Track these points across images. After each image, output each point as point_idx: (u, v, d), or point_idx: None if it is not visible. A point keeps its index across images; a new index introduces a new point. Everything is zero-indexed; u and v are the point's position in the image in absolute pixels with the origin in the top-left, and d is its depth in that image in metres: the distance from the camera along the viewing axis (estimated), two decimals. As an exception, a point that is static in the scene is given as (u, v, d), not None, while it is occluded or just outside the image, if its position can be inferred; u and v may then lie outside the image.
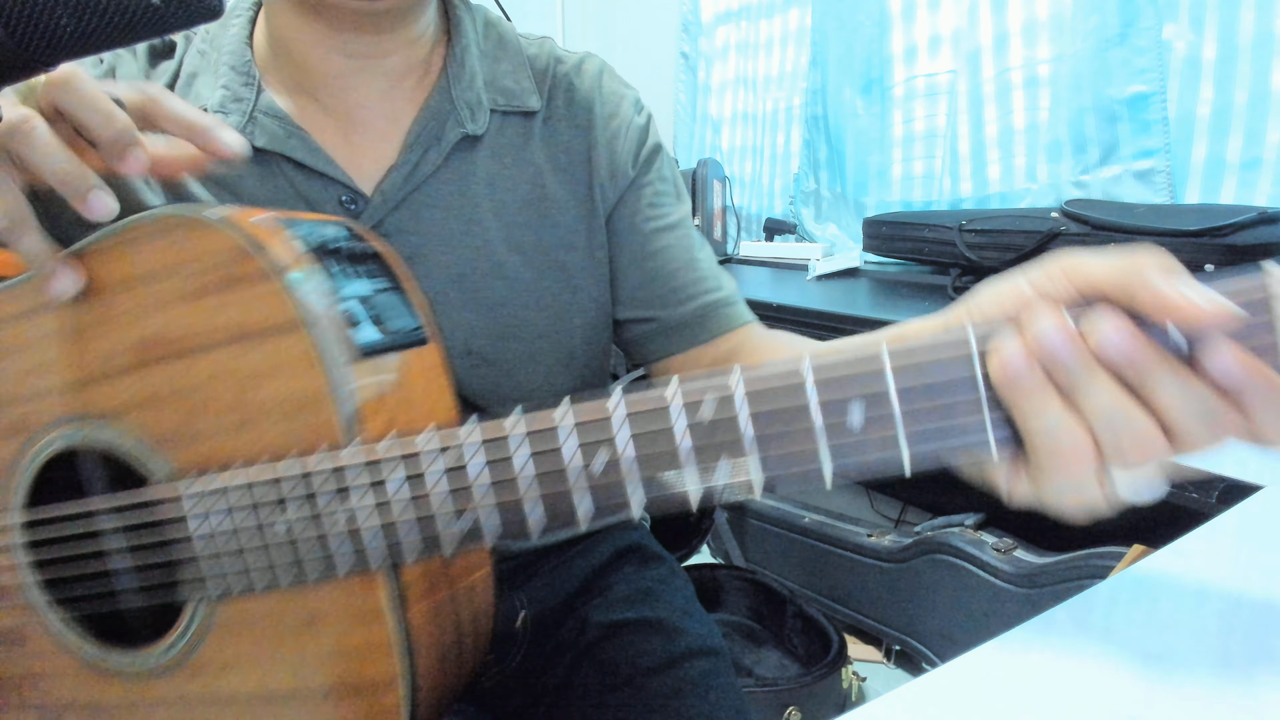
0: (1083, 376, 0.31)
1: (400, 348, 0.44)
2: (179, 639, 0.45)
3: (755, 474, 0.33)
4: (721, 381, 0.33)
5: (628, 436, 0.34)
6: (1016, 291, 0.34)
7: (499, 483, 0.37)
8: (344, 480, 0.39)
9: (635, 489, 0.35)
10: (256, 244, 0.41)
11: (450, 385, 0.47)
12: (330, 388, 0.40)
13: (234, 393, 0.42)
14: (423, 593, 0.42)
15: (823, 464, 0.32)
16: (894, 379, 0.32)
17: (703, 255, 0.70)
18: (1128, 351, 0.30)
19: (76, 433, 0.46)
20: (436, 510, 0.38)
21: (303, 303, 0.40)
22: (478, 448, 0.37)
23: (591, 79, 0.69)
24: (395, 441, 0.38)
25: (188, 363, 0.43)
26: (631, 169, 0.68)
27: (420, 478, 0.38)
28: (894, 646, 1.62)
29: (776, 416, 0.33)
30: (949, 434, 0.32)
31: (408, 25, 0.61)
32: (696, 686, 0.64)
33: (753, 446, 0.33)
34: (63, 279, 0.44)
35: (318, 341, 0.40)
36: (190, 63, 0.63)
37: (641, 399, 0.34)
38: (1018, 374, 0.31)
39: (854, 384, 0.32)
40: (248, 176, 0.60)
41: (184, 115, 0.45)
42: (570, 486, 0.36)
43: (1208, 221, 1.10)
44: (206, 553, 0.42)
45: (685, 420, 0.34)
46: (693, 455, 0.34)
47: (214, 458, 0.42)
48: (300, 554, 0.40)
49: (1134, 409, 0.31)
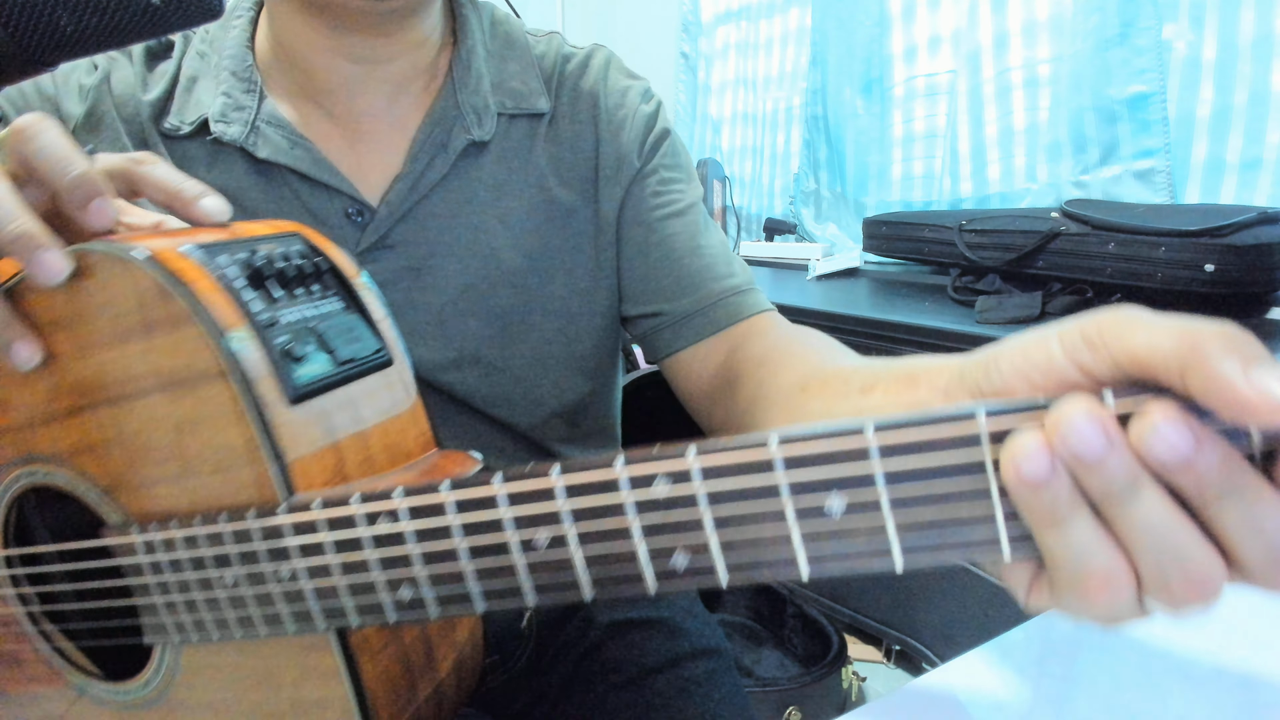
0: (1124, 489, 0.24)
1: (356, 376, 0.41)
2: (153, 676, 0.44)
3: (718, 561, 0.29)
4: (677, 454, 0.29)
5: (570, 512, 0.31)
6: (1046, 356, 0.27)
7: (435, 556, 0.34)
8: (280, 541, 0.37)
9: (583, 570, 0.31)
10: (177, 282, 0.37)
11: (421, 407, 0.44)
12: (260, 441, 0.37)
13: (170, 442, 0.39)
14: (381, 647, 0.40)
15: (796, 555, 0.28)
16: (881, 460, 0.26)
17: (710, 241, 0.66)
18: (1191, 460, 0.23)
19: (35, 473, 0.44)
20: (374, 579, 0.35)
21: (227, 348, 0.36)
22: (409, 517, 0.34)
23: (597, 73, 0.67)
24: (327, 504, 0.36)
25: (123, 409, 0.40)
26: (637, 159, 0.66)
27: (354, 544, 0.35)
28: (894, 646, 1.62)
29: (740, 498, 0.28)
30: (949, 529, 0.27)
31: (413, 27, 0.60)
32: (700, 686, 0.64)
33: (713, 531, 0.29)
34: (21, 351, 0.41)
35: (245, 390, 0.36)
36: (189, 65, 0.62)
37: (585, 472, 0.31)
38: (1036, 480, 0.24)
39: (832, 465, 0.27)
40: (251, 189, 0.59)
41: (166, 183, 0.42)
42: (513, 564, 0.32)
43: (1208, 221, 1.10)
44: (163, 601, 0.41)
45: (634, 497, 0.30)
46: (644, 536, 0.30)
47: (160, 506, 0.40)
48: (248, 610, 0.39)
49: (1190, 535, 0.24)
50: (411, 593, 0.35)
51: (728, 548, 0.29)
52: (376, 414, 0.42)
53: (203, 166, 0.60)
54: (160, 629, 0.42)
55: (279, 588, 0.37)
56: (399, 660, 0.41)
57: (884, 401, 0.39)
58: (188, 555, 0.39)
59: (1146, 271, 1.14)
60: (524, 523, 0.32)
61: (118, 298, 0.39)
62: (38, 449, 0.44)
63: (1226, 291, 1.08)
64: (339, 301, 0.43)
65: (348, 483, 0.40)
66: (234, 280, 0.39)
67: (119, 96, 0.61)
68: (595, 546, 0.31)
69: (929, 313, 1.26)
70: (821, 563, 0.28)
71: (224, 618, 0.40)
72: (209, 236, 0.40)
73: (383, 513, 0.34)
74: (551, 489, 0.31)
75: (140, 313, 0.38)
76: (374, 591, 0.35)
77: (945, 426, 0.26)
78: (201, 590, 0.40)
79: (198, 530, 0.39)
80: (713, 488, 0.29)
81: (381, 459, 0.42)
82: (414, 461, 0.43)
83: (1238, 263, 1.07)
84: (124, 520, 0.42)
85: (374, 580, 0.35)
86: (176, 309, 0.37)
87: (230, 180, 0.59)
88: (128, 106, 0.61)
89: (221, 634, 0.40)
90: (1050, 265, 1.27)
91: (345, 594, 0.36)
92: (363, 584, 0.36)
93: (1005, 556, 0.26)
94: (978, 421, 0.26)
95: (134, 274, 0.38)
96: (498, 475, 0.32)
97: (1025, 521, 0.26)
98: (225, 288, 0.38)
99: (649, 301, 0.66)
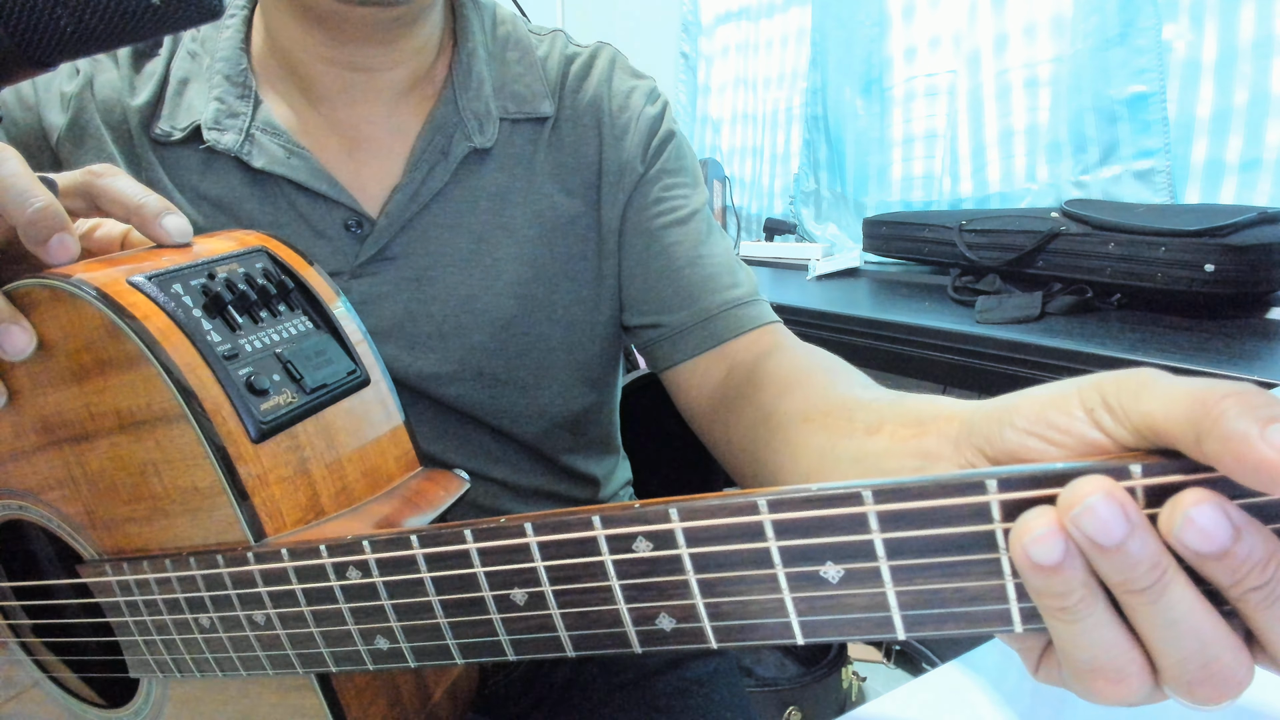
0: (1146, 579, 0.22)
1: (327, 402, 0.39)
2: (143, 705, 0.44)
3: (706, 626, 0.28)
4: (658, 514, 0.27)
5: (545, 569, 0.29)
6: (1066, 419, 0.25)
7: (408, 610, 0.32)
8: (251, 589, 0.35)
9: (564, 629, 0.30)
10: (128, 318, 0.35)
11: (404, 427, 0.43)
12: (224, 483, 0.35)
13: (135, 482, 0.38)
14: (366, 683, 0.38)
15: (791, 622, 0.27)
16: (880, 531, 0.25)
17: (712, 250, 0.64)
18: (1230, 550, 0.20)
19: (8, 506, 0.43)
20: (349, 629, 0.34)
21: (184, 388, 0.34)
22: (379, 570, 0.33)
23: (601, 75, 0.65)
24: (295, 553, 0.34)
25: (86, 448, 0.39)
26: (641, 163, 0.64)
27: (326, 594, 0.34)
28: (894, 646, 1.62)
29: (729, 560, 0.27)
30: (955, 600, 0.25)
31: (415, 34, 0.58)
32: (700, 686, 0.64)
33: (698, 593, 0.27)
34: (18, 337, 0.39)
35: (204, 432, 0.34)
36: (180, 67, 0.59)
37: (562, 524, 0.29)
38: (1048, 565, 0.22)
39: (827, 530, 0.25)
40: (247, 199, 0.57)
41: (127, 197, 0.40)
42: (490, 619, 0.31)
43: (1208, 221, 1.10)
44: (144, 637, 0.40)
45: (612, 556, 0.28)
46: (625, 600, 0.28)
47: (133, 544, 0.39)
48: (228, 649, 0.38)
49: (1217, 631, 0.22)
50: (387, 643, 0.33)
51: (715, 612, 0.28)
52: (352, 439, 0.40)
53: (195, 174, 0.58)
54: (144, 665, 0.41)
55: (254, 632, 0.36)
56: (386, 695, 0.39)
57: (890, 446, 0.37)
58: (161, 597, 0.38)
59: (1146, 272, 1.14)
60: (499, 579, 0.30)
61: (71, 335, 0.37)
62: (9, 484, 0.42)
63: (1226, 291, 1.08)
64: (307, 322, 0.40)
65: (323, 516, 0.38)
66: (191, 311, 0.37)
67: (104, 102, 0.58)
68: (575, 607, 0.29)
69: (929, 313, 1.26)
70: (816, 630, 0.27)
71: (204, 657, 0.39)
72: (166, 260, 0.38)
73: (351, 564, 0.33)
74: (526, 546, 0.29)
75: (93, 350, 0.36)
76: (350, 641, 0.34)
77: (953, 497, 0.24)
78: (178, 630, 0.39)
79: (170, 574, 0.37)
80: (697, 551, 0.27)
81: (359, 486, 0.40)
82: (395, 485, 0.42)
83: (1238, 263, 1.07)
84: (100, 555, 0.40)
85: (349, 630, 0.34)
86: (129, 348, 0.35)
87: (224, 189, 0.57)
88: (114, 113, 0.58)
89: (203, 672, 0.39)
90: (1050, 265, 1.27)
91: (321, 642, 0.35)
92: (337, 633, 0.34)
93: (1017, 629, 0.24)
94: (988, 494, 0.23)
95: (84, 311, 0.36)
96: (468, 530, 0.30)
97: (1036, 607, 0.24)
98: (180, 322, 0.36)
99: (649, 312, 0.64)
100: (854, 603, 0.26)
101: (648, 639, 0.29)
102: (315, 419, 0.38)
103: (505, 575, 0.30)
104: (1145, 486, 0.22)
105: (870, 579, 0.25)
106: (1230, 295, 1.09)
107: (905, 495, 0.24)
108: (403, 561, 0.32)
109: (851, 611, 0.26)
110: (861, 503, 0.24)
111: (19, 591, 0.47)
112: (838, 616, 0.26)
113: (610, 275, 0.65)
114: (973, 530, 0.24)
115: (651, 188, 0.64)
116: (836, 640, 0.26)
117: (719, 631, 0.28)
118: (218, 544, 0.36)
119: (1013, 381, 1.07)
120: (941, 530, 0.24)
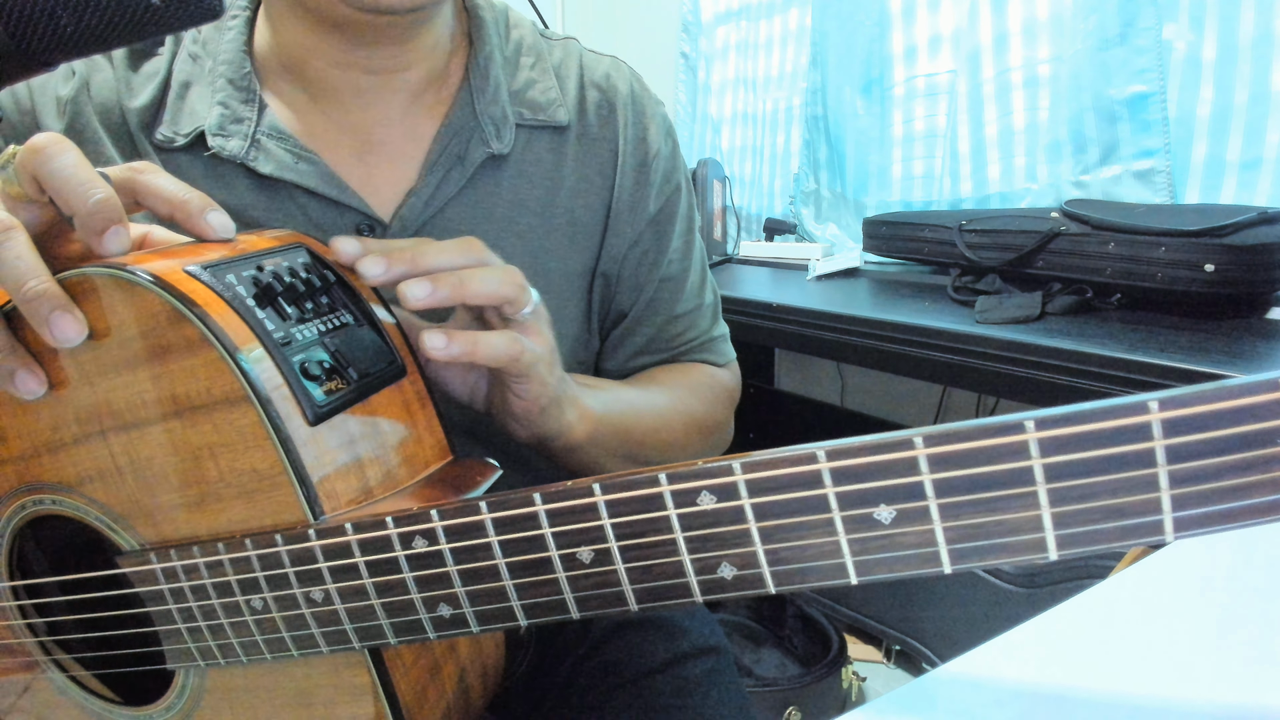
0: None
1: (372, 390, 0.40)
2: (176, 701, 0.44)
3: (766, 572, 0.30)
4: (722, 469, 0.29)
5: (611, 526, 0.31)
6: None
7: (474, 574, 0.34)
8: (311, 565, 0.36)
9: (628, 584, 0.32)
10: (189, 304, 0.36)
11: (435, 415, 0.44)
12: (286, 464, 0.36)
13: (188, 467, 0.38)
14: (413, 661, 0.40)
15: (846, 563, 0.29)
16: (930, 473, 0.27)
17: (688, 306, 0.70)
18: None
19: (41, 501, 0.43)
20: (412, 599, 0.35)
21: (246, 371, 0.35)
22: (446, 537, 0.34)
23: (624, 98, 0.66)
24: (360, 526, 0.36)
25: (136, 435, 0.39)
26: (653, 205, 0.66)
27: (390, 565, 0.35)
28: (894, 646, 1.62)
29: (788, 508, 0.29)
30: (996, 532, 0.27)
31: (429, 31, 0.58)
32: (700, 685, 0.64)
33: (760, 543, 0.30)
34: (26, 381, 0.40)
35: (266, 413, 0.36)
36: (181, 69, 0.58)
37: (629, 483, 0.31)
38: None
39: (881, 474, 0.28)
40: (254, 206, 0.57)
41: (170, 194, 0.41)
42: (557, 579, 0.33)
43: (1208, 221, 1.10)
44: (188, 624, 0.40)
45: (677, 511, 0.30)
46: (689, 551, 0.31)
47: (179, 532, 0.40)
48: (281, 630, 0.38)
49: None
50: (450, 609, 0.35)
51: (774, 558, 0.30)
52: (394, 427, 0.41)
53: (200, 182, 0.56)
54: (185, 653, 0.42)
55: (310, 610, 0.37)
56: (429, 671, 0.41)
57: None
58: (211, 581, 0.39)
59: (1146, 271, 1.14)
60: (566, 539, 0.32)
61: (124, 322, 0.38)
62: (42, 478, 0.43)
63: (1226, 291, 1.08)
64: (347, 315, 0.42)
65: (372, 498, 0.39)
66: (245, 299, 0.38)
67: (100, 105, 0.57)
68: (640, 561, 0.31)
69: (929, 313, 1.26)
70: (869, 569, 0.29)
71: (252, 640, 0.39)
72: (213, 254, 0.39)
73: (418, 533, 0.34)
74: (594, 505, 0.31)
75: (149, 338, 0.37)
76: (413, 610, 0.36)
77: (995, 437, 0.26)
78: (227, 614, 0.39)
79: (222, 556, 0.38)
80: (759, 501, 0.29)
81: (402, 472, 0.41)
82: (432, 471, 0.43)
83: (1238, 263, 1.07)
84: (139, 547, 0.41)
85: (412, 600, 0.35)
86: (189, 333, 0.36)
87: (231, 196, 0.57)
88: (112, 115, 0.57)
89: (250, 655, 0.40)
90: (1050, 265, 1.27)
91: (382, 614, 0.36)
92: (400, 603, 0.36)
93: (1051, 555, 0.27)
94: (1027, 433, 0.26)
95: (141, 298, 0.37)
96: (537, 493, 0.32)
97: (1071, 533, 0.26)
98: (237, 308, 0.37)
99: (619, 341, 0.70)
100: (905, 540, 0.28)
101: (709, 588, 0.31)
102: (362, 405, 0.40)
103: (571, 535, 0.32)
104: (1163, 420, 0.25)
105: (920, 518, 0.28)
106: (1230, 295, 1.09)
107: (953, 439, 0.27)
108: (471, 527, 0.34)
109: (902, 549, 0.28)
110: (913, 447, 0.27)
111: (35, 591, 0.47)
112: (889, 555, 0.28)
113: (607, 292, 0.68)
114: (1012, 467, 0.26)
115: (644, 237, 0.67)
116: (888, 578, 0.29)
117: (777, 576, 0.30)
118: (274, 525, 0.37)
119: (1013, 381, 1.07)
120: (984, 469, 0.27)
